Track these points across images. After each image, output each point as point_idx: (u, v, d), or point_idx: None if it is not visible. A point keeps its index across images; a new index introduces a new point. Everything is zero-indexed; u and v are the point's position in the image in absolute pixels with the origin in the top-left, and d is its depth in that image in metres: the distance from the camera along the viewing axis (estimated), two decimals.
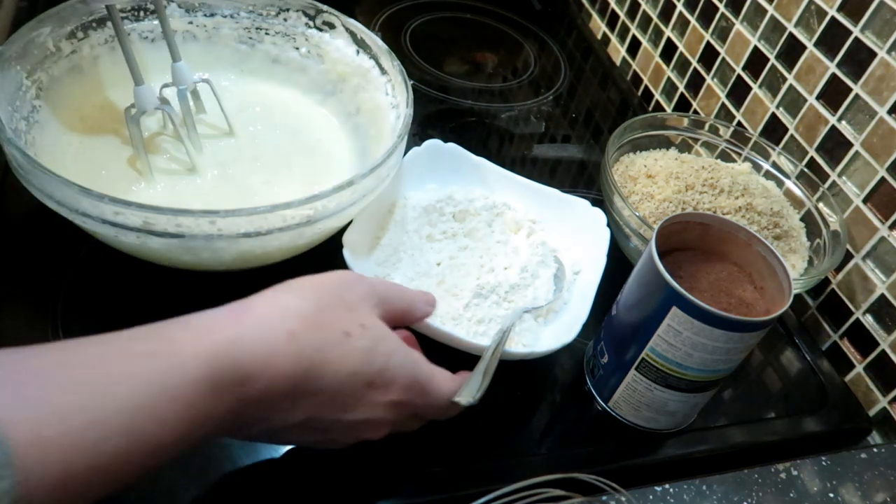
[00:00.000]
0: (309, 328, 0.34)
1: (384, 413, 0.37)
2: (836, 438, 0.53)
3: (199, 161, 0.55)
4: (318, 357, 0.33)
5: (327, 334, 0.34)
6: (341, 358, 0.34)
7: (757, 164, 0.65)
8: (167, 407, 0.29)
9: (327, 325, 0.34)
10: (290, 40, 0.62)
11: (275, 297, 0.35)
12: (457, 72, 0.81)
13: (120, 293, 0.49)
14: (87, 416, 0.27)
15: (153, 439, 0.28)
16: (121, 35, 0.49)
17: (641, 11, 0.85)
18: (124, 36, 0.49)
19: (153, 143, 0.56)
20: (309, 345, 0.33)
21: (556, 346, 0.46)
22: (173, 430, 0.29)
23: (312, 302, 0.35)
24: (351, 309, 0.36)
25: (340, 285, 0.37)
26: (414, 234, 0.53)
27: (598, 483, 0.40)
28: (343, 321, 0.35)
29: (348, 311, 0.36)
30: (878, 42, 0.56)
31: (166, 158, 0.55)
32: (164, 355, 0.30)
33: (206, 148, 0.56)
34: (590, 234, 0.56)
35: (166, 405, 0.29)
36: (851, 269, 0.59)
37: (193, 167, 0.54)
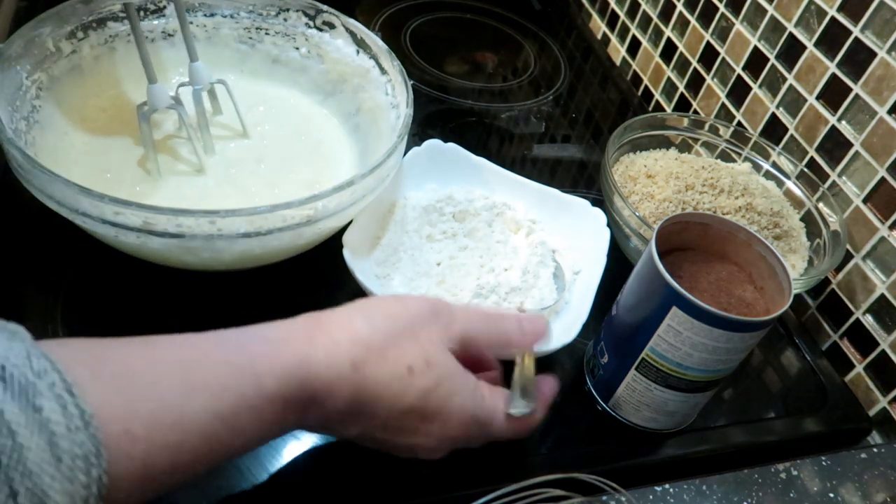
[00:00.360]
0: (373, 360, 0.34)
1: (439, 443, 0.38)
2: (836, 438, 0.53)
3: (208, 162, 0.55)
4: (377, 390, 0.34)
5: (390, 368, 0.35)
6: (399, 393, 0.35)
7: (757, 164, 0.65)
8: (243, 416, 0.30)
9: (392, 359, 0.35)
10: (290, 40, 0.62)
11: (349, 319, 0.36)
12: (457, 72, 0.81)
13: (120, 293, 0.49)
14: (172, 417, 0.28)
15: (226, 444, 0.30)
16: (137, 34, 0.49)
17: (641, 11, 0.85)
18: (141, 35, 0.49)
19: (164, 144, 0.56)
20: (371, 376, 0.34)
21: (557, 346, 0.46)
22: (244, 438, 0.31)
23: (382, 332, 0.35)
24: (420, 343, 0.36)
25: (417, 316, 0.37)
26: (414, 234, 0.53)
27: (598, 483, 0.40)
28: (408, 356, 0.35)
29: (417, 345, 0.36)
30: (878, 42, 0.56)
31: (175, 159, 0.55)
32: (241, 367, 0.31)
33: (217, 148, 0.56)
34: (590, 234, 0.56)
35: (242, 416, 0.30)
36: (851, 269, 0.59)
37: (202, 168, 0.54)
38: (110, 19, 0.56)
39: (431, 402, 0.36)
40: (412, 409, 0.35)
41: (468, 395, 0.37)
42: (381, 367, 0.34)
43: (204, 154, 0.55)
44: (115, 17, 0.56)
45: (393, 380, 0.35)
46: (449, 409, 0.36)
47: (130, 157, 0.54)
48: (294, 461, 0.42)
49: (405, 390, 0.35)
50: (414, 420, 0.36)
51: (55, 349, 0.27)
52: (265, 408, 0.31)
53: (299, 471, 0.42)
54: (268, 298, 0.50)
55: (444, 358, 0.37)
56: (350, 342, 0.34)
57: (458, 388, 0.37)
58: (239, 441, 0.31)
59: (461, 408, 0.37)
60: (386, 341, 0.35)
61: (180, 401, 0.29)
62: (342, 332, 0.35)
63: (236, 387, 0.30)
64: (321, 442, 0.43)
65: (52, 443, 0.24)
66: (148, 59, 0.50)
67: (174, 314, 0.48)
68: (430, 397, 0.36)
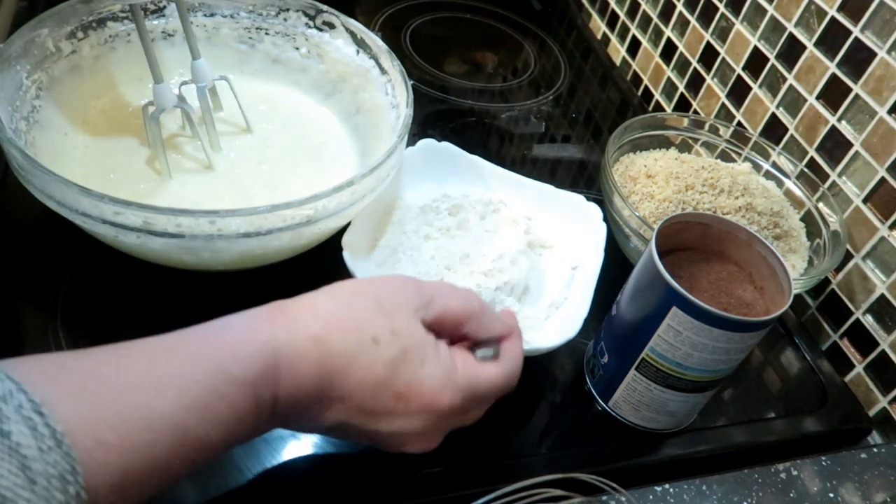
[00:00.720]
0: (335, 332, 0.33)
1: (425, 425, 0.35)
2: (836, 438, 0.53)
3: (215, 159, 0.55)
4: (341, 363, 0.33)
5: (354, 339, 0.33)
6: (368, 366, 0.33)
7: (757, 164, 0.65)
8: (213, 406, 0.30)
9: (355, 330, 0.34)
10: (290, 40, 0.62)
11: (310, 299, 0.35)
12: (457, 72, 0.81)
13: (120, 293, 0.49)
14: (142, 417, 0.28)
15: (202, 438, 0.29)
16: (143, 34, 0.49)
17: (641, 11, 0.85)
18: (146, 35, 0.49)
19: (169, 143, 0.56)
20: (335, 350, 0.33)
21: (560, 341, 0.46)
22: (220, 429, 0.30)
23: (345, 306, 0.34)
24: (386, 314, 0.35)
25: (382, 288, 0.36)
26: (412, 235, 0.53)
27: (598, 483, 0.40)
28: (373, 327, 0.34)
29: (382, 316, 0.35)
30: (878, 42, 0.56)
31: (181, 157, 0.55)
32: (206, 357, 0.30)
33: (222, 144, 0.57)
34: (586, 228, 0.56)
35: (213, 405, 0.30)
36: (851, 269, 0.59)
37: (210, 165, 0.54)
38: (110, 19, 0.56)
39: (401, 373, 0.34)
40: (382, 384, 0.34)
41: (438, 362, 0.35)
42: (344, 338, 0.33)
43: (211, 151, 0.55)
44: (115, 17, 0.56)
45: (358, 351, 0.33)
46: (420, 379, 0.34)
47: (133, 156, 0.54)
48: (294, 461, 0.42)
49: (372, 362, 0.33)
50: (389, 399, 0.34)
51: (18, 368, 0.26)
52: (235, 395, 0.30)
53: (299, 471, 0.42)
54: (268, 299, 0.50)
55: (412, 327, 0.35)
56: (311, 318, 0.33)
57: (427, 356, 0.35)
58: (215, 433, 0.30)
59: (432, 376, 0.35)
60: (349, 315, 0.34)
61: (148, 399, 0.28)
62: (303, 311, 0.34)
63: (203, 377, 0.30)
64: (321, 442, 0.43)
65: (25, 466, 0.24)
66: (154, 59, 0.50)
67: (174, 314, 0.48)
68: (399, 368, 0.34)
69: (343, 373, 0.33)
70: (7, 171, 0.45)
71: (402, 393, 0.34)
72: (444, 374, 0.35)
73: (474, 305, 0.38)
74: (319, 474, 0.42)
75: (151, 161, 0.54)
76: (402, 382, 0.34)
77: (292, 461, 0.42)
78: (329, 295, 0.35)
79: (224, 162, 0.56)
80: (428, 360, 0.35)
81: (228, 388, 0.30)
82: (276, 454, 0.42)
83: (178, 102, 0.53)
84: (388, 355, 0.34)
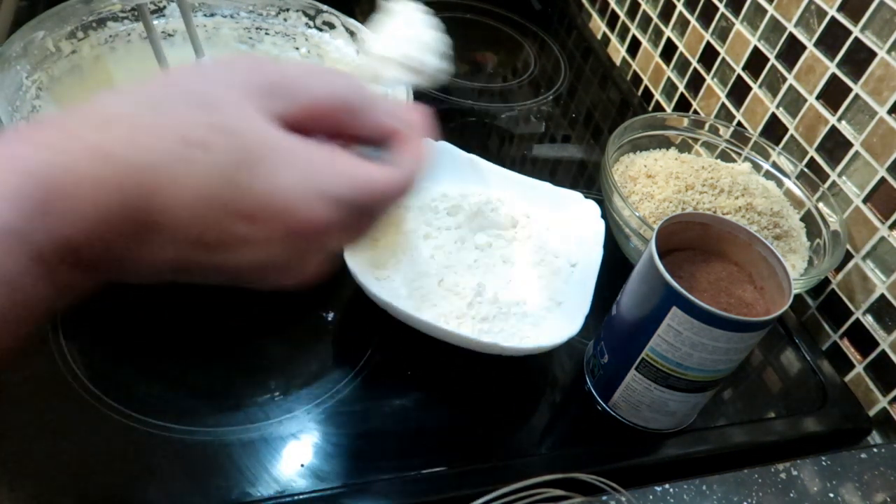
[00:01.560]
0: (131, 140, 0.24)
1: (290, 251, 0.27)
2: (836, 438, 0.53)
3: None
4: (147, 179, 0.24)
5: (162, 146, 0.24)
6: (187, 180, 0.24)
7: (757, 164, 0.65)
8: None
9: (162, 132, 0.24)
10: (290, 40, 0.62)
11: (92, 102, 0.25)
12: (457, 72, 0.81)
13: (120, 293, 0.49)
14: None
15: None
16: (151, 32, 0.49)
17: (641, 11, 0.85)
18: (154, 30, 0.50)
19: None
20: (132, 162, 0.24)
21: (562, 339, 0.46)
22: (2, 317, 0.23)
23: (144, 103, 0.25)
24: (209, 107, 0.25)
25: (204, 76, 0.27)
26: (411, 234, 0.53)
27: (598, 483, 0.40)
28: (190, 125, 0.25)
29: (203, 111, 0.25)
30: (878, 42, 0.56)
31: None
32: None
33: None
34: (584, 225, 0.56)
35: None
36: (851, 269, 0.59)
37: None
38: (110, 19, 0.56)
39: (241, 184, 0.25)
40: (213, 201, 0.25)
41: (298, 165, 0.26)
42: (146, 144, 0.24)
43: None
44: (115, 17, 0.56)
45: (172, 160, 0.24)
46: (270, 191, 0.25)
47: None
48: (294, 461, 0.42)
49: (193, 172, 0.24)
50: (227, 220, 0.25)
51: None
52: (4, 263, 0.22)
53: (299, 471, 0.42)
54: (268, 299, 0.50)
55: (252, 123, 0.26)
56: (91, 127, 0.24)
57: (279, 160, 0.26)
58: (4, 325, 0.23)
59: (289, 185, 0.26)
60: (153, 111, 0.25)
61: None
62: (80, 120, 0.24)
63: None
64: (321, 442, 0.43)
65: None
66: (163, 54, 0.50)
67: (174, 313, 0.48)
68: (233, 178, 0.25)
69: (153, 192, 0.24)
70: None
71: (247, 211, 0.25)
72: (308, 182, 0.26)
73: (352, 92, 0.29)
74: (319, 474, 0.42)
75: None
76: (241, 196, 0.25)
77: (292, 461, 0.42)
78: (122, 93, 0.26)
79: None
80: (282, 165, 0.26)
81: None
82: (276, 454, 0.42)
83: None
84: (214, 160, 0.25)
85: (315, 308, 0.51)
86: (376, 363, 0.49)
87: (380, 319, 0.47)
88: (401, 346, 0.49)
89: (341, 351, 0.49)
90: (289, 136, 0.27)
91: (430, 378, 0.49)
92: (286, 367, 0.47)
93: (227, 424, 0.43)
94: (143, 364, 0.46)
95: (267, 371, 0.47)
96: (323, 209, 0.26)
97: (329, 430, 0.44)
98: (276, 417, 0.44)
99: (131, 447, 0.41)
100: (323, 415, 0.45)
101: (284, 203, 0.26)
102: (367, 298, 0.46)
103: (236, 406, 0.44)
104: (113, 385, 0.44)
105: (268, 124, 0.26)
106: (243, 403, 0.44)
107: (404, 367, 0.49)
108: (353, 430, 0.45)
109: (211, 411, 0.44)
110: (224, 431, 0.43)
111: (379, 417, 0.46)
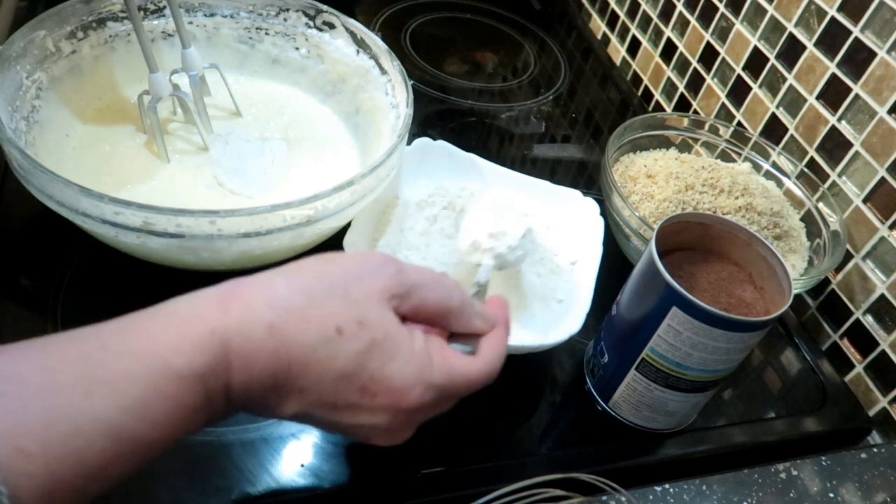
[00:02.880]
0: (293, 322, 0.30)
1: (391, 420, 0.33)
2: (836, 438, 0.53)
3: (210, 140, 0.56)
4: (299, 355, 0.30)
5: (315, 329, 0.31)
6: (329, 359, 0.31)
7: (757, 164, 0.65)
8: (156, 405, 0.27)
9: (316, 320, 0.31)
10: (290, 40, 0.62)
11: (269, 281, 0.32)
12: (457, 72, 0.81)
13: (120, 293, 0.49)
14: (70, 423, 0.26)
15: (141, 438, 0.27)
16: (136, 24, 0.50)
17: (641, 11, 0.85)
18: (140, 25, 0.50)
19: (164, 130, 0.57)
20: (293, 340, 0.30)
21: (564, 337, 0.46)
22: (162, 427, 0.28)
23: (306, 292, 0.31)
24: (352, 302, 0.32)
25: (349, 273, 0.33)
26: (409, 233, 0.53)
27: (598, 483, 0.40)
28: (337, 316, 0.31)
29: (348, 305, 0.32)
30: (878, 42, 0.56)
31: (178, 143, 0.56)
32: (145, 352, 0.28)
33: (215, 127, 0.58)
34: (584, 223, 0.56)
35: (155, 405, 0.27)
36: (851, 269, 0.59)
37: (206, 146, 0.55)
38: (110, 19, 0.56)
39: (367, 367, 0.31)
40: (346, 378, 0.31)
41: (410, 356, 0.33)
42: (304, 328, 0.30)
43: (206, 134, 0.56)
44: (115, 17, 0.56)
45: (319, 343, 0.31)
46: (388, 374, 0.32)
47: (133, 156, 0.54)
48: (294, 461, 0.42)
49: (334, 355, 0.31)
50: (352, 393, 0.32)
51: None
52: (180, 391, 0.28)
53: (299, 471, 0.42)
54: None
55: (381, 317, 0.32)
56: (266, 305, 0.30)
57: (398, 350, 0.32)
58: (157, 432, 0.28)
59: (402, 371, 0.32)
60: (310, 301, 0.31)
61: (77, 403, 0.26)
62: (258, 295, 0.31)
63: (141, 375, 0.27)
64: (321, 442, 0.43)
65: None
66: (149, 47, 0.51)
67: None
68: (364, 362, 0.31)
69: (301, 365, 0.30)
70: (7, 171, 0.45)
71: (367, 387, 0.32)
72: (415, 370, 0.33)
73: (454, 300, 0.36)
74: (319, 474, 0.42)
75: (151, 161, 0.54)
76: (367, 376, 0.32)
77: (292, 461, 0.42)
78: (288, 276, 0.32)
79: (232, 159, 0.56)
80: (399, 354, 0.32)
81: (171, 384, 0.28)
82: (276, 454, 0.42)
83: (173, 91, 0.54)
84: (352, 348, 0.31)
85: None
86: None
87: None
88: None
89: None
90: (405, 329, 0.33)
91: None
92: None
93: (227, 424, 0.43)
94: None
95: None
96: (422, 394, 0.33)
97: None
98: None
99: None
100: None
101: (401, 385, 0.32)
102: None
103: None
104: None
105: (395, 321, 0.33)
106: None
107: None
108: None
109: None
110: (224, 431, 0.43)
111: None
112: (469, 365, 0.35)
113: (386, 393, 0.32)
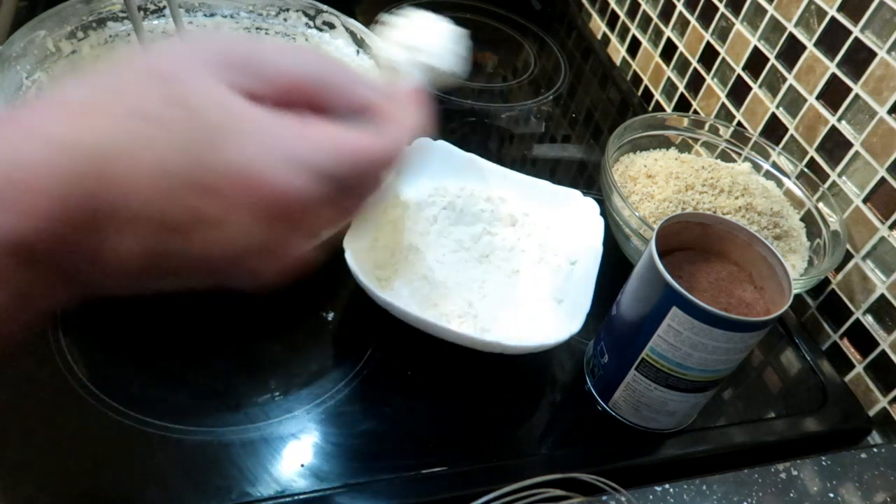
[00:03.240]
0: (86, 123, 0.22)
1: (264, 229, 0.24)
2: (836, 438, 0.53)
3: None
4: (103, 163, 0.22)
5: (117, 125, 0.22)
6: (145, 157, 0.22)
7: (757, 164, 0.65)
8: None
9: (112, 108, 0.23)
10: (290, 40, 0.62)
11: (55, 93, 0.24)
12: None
13: None
14: None
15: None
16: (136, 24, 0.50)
17: (641, 11, 0.85)
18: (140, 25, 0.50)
19: None
20: (86, 146, 0.22)
21: (564, 336, 0.46)
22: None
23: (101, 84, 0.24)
24: (168, 81, 0.23)
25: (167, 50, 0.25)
26: (408, 233, 0.53)
27: (598, 483, 0.40)
28: (144, 99, 0.23)
29: (161, 85, 0.23)
30: (878, 42, 0.56)
31: None
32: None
33: None
34: (583, 223, 0.56)
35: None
36: (851, 269, 0.59)
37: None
38: (110, 19, 0.56)
39: (203, 158, 0.23)
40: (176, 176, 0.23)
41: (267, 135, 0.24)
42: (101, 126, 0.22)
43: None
44: (115, 17, 0.56)
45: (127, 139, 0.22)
46: (236, 161, 0.23)
47: None
48: (294, 461, 0.42)
49: (150, 148, 0.22)
50: (192, 196, 0.23)
51: None
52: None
53: (299, 471, 0.42)
54: (268, 299, 0.50)
55: (211, 92, 0.24)
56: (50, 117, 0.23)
57: (248, 131, 0.24)
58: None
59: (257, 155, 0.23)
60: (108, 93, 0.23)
61: None
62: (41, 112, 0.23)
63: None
64: (321, 442, 0.43)
65: None
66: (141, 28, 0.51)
67: (174, 312, 0.48)
68: (196, 153, 0.23)
69: (110, 176, 0.22)
70: None
71: (210, 185, 0.23)
72: (279, 149, 0.24)
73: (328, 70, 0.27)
74: (319, 474, 0.42)
75: None
76: (206, 170, 0.23)
77: (292, 461, 0.42)
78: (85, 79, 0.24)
79: None
80: (248, 136, 0.24)
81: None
82: (276, 454, 0.42)
83: None
84: (173, 135, 0.23)
85: (315, 308, 0.51)
86: (376, 363, 0.49)
87: (380, 319, 0.47)
88: (401, 345, 0.49)
89: (341, 351, 0.49)
90: (255, 108, 0.24)
91: (430, 378, 0.49)
92: (286, 366, 0.47)
93: (227, 424, 0.43)
94: (143, 364, 0.46)
95: (267, 371, 0.47)
96: (297, 179, 0.24)
97: (329, 430, 0.44)
98: (276, 417, 0.44)
99: (131, 447, 0.41)
100: (323, 415, 0.45)
101: (249, 171, 0.23)
102: (367, 298, 0.46)
103: (236, 406, 0.44)
104: (113, 385, 0.44)
105: (232, 95, 0.24)
106: (243, 403, 0.44)
107: (404, 367, 0.49)
108: (353, 430, 0.45)
109: (211, 411, 0.44)
110: (224, 431, 0.43)
111: (379, 417, 0.46)
112: (362, 138, 0.26)
113: (236, 186, 0.23)
